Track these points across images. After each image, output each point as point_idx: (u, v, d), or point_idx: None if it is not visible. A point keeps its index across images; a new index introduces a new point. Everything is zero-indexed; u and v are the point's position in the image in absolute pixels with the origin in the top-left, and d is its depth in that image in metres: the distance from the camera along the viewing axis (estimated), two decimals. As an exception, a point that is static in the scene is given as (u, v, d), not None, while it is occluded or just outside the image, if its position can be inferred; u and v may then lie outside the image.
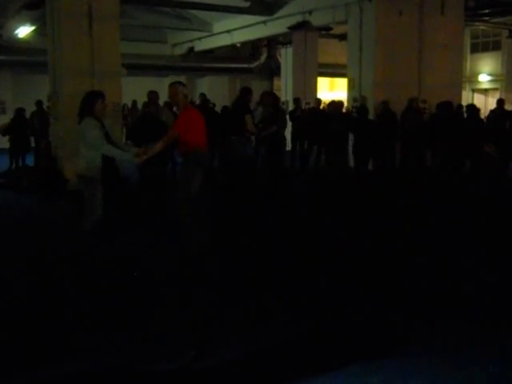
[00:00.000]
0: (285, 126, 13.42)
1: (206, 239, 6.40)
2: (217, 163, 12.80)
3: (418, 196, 10.43)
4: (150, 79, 21.43)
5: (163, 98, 9.53)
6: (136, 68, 19.03)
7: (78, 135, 5.88)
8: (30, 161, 13.85)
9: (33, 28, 17.95)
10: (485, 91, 26.12)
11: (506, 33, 22.98)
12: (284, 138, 11.45)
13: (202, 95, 14.07)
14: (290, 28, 17.06)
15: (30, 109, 14.60)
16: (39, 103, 14.45)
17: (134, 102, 18.66)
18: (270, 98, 10.85)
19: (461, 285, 5.46)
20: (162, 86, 21.45)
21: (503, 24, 21.59)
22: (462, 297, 5.14)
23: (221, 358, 3.93)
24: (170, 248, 6.64)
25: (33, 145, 14.31)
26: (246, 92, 9.82)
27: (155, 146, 6.02)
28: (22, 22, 17.65)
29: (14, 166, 13.73)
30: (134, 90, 17.88)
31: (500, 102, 14.76)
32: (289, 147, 14.47)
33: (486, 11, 18.52)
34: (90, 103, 5.78)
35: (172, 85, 6.40)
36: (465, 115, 11.99)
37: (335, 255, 6.56)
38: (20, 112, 13.91)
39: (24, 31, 18.35)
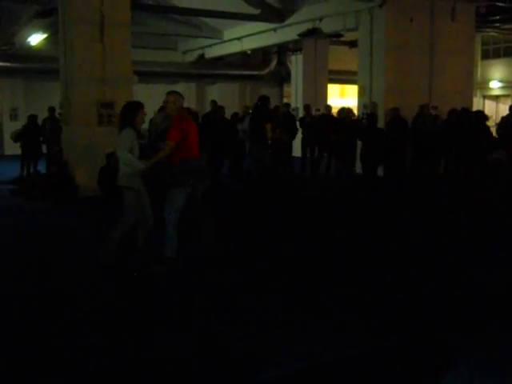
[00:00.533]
0: (293, 133, 13.44)
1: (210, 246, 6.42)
2: (226, 170, 12.85)
3: (429, 201, 10.41)
4: (161, 86, 21.48)
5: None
6: (147, 75, 19.09)
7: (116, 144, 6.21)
8: (41, 167, 13.93)
9: (45, 36, 18.09)
10: (496, 98, 26.01)
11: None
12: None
13: (214, 102, 14.09)
14: (300, 35, 17.07)
15: (42, 115, 14.70)
16: (51, 110, 14.54)
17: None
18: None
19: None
20: (172, 93, 21.08)
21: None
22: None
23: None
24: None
25: (44, 151, 14.41)
26: (265, 100, 9.85)
27: (156, 156, 6.11)
28: (35, 30, 17.80)
29: (25, 172, 13.82)
30: (145, 97, 17.92)
31: (395, 110, 14.12)
32: (299, 153, 14.54)
33: (497, 17, 18.47)
34: (132, 114, 6.00)
35: (169, 93, 6.34)
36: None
37: (351, 263, 6.56)
38: (32, 119, 14.02)
39: (36, 39, 18.50)
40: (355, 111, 14.78)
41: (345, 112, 12.24)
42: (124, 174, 5.96)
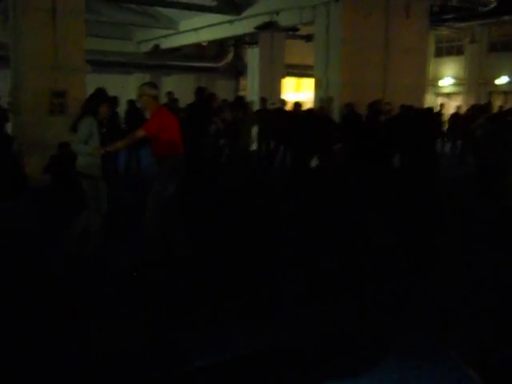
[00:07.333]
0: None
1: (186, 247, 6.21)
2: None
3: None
4: (115, 76, 21.20)
5: (126, 95, 9.42)
6: (101, 65, 18.77)
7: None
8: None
9: (-6, 21, 17.56)
10: (447, 95, 26.62)
11: (468, 38, 23.45)
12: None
13: (170, 93, 13.88)
14: (256, 28, 17.01)
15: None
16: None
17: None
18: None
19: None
20: (126, 84, 21.00)
21: (465, 29, 22.04)
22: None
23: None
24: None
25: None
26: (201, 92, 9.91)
27: (117, 144, 6.00)
28: (-16, 16, 17.25)
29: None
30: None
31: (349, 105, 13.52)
32: (255, 147, 14.52)
33: (450, 16, 18.87)
34: (97, 103, 5.95)
35: (141, 86, 6.27)
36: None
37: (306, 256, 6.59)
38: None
39: (-15, 25, 17.94)
40: (311, 105, 14.86)
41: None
42: (83, 162, 5.88)
